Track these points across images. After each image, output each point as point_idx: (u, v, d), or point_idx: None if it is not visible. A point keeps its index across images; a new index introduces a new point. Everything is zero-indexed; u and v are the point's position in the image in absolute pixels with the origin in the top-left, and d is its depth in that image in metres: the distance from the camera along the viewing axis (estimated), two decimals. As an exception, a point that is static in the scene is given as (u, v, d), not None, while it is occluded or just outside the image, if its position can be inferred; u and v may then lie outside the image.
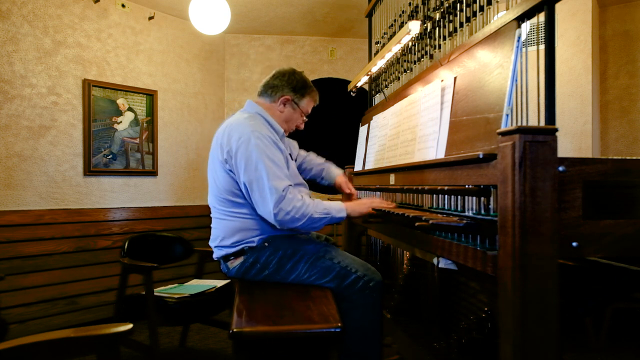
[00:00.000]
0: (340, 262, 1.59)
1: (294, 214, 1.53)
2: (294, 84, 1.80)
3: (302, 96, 1.83)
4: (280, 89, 1.80)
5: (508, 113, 1.16)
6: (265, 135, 1.62)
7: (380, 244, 2.68)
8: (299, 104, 1.83)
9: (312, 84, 1.87)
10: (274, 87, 1.81)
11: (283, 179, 1.56)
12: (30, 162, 2.84)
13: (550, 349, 0.92)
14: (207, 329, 2.98)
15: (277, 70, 1.84)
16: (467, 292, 1.69)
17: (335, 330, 1.25)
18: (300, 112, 1.85)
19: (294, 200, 1.54)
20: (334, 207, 1.61)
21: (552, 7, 1.15)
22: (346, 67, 4.30)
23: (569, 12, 3.24)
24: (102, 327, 1.08)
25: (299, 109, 1.83)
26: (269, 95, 1.81)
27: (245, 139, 1.59)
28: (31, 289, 2.80)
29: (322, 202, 1.61)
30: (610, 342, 2.26)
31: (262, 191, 1.55)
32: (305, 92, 1.83)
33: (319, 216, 1.56)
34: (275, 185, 1.53)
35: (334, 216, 1.59)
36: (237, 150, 1.60)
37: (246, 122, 1.65)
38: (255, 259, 1.65)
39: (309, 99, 1.86)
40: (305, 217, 1.54)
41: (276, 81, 1.81)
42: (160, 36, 3.59)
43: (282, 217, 1.52)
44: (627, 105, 3.44)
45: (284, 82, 1.80)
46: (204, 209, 3.80)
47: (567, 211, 0.97)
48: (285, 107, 1.81)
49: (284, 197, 1.53)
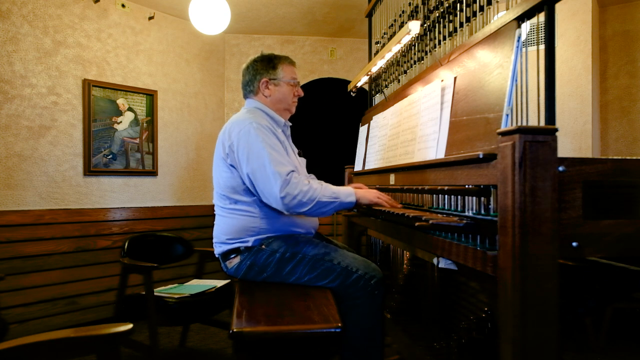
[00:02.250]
0: (340, 263, 1.58)
1: (301, 198, 1.51)
2: (260, 66, 1.80)
3: (274, 69, 1.79)
4: (254, 79, 1.80)
5: (508, 113, 1.16)
6: (264, 125, 1.63)
7: (380, 244, 2.68)
8: (277, 77, 1.80)
9: (277, 54, 1.84)
10: (249, 82, 1.81)
11: (285, 165, 1.56)
12: (30, 162, 2.84)
13: (550, 349, 0.92)
14: (207, 329, 2.98)
15: (242, 69, 1.86)
16: (467, 292, 1.69)
17: (335, 330, 1.25)
18: (286, 83, 1.81)
19: (299, 184, 1.52)
20: (343, 192, 1.59)
21: (552, 7, 1.15)
22: (346, 67, 4.30)
23: (569, 12, 3.24)
24: (102, 327, 1.08)
25: (281, 80, 1.80)
26: (251, 91, 1.82)
27: (245, 130, 1.61)
28: (31, 289, 2.80)
29: (331, 187, 1.60)
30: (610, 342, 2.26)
31: (266, 178, 1.54)
32: (274, 63, 1.80)
33: (327, 200, 1.54)
34: (279, 170, 1.53)
35: (342, 201, 1.57)
36: (238, 143, 1.62)
37: (245, 116, 1.68)
38: (252, 261, 1.65)
39: (282, 66, 1.81)
40: (313, 201, 1.52)
41: (247, 76, 1.82)
42: (160, 36, 3.59)
43: (289, 201, 1.51)
44: (627, 105, 3.44)
45: (252, 71, 1.80)
46: (204, 209, 3.81)
47: (567, 211, 0.97)
48: (269, 88, 1.79)
49: (289, 181, 1.52)
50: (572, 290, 1.56)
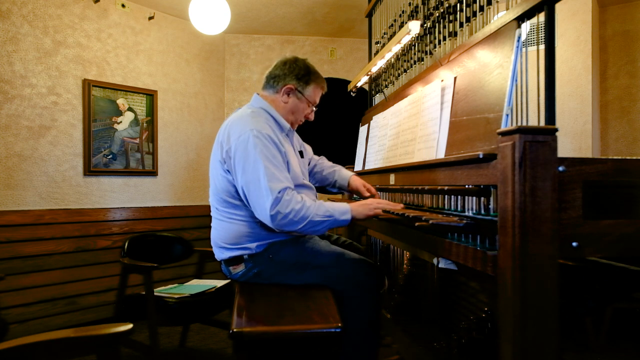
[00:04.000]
0: (348, 270, 1.57)
1: (292, 217, 1.45)
2: (296, 72, 1.70)
3: (307, 84, 1.72)
4: (283, 78, 1.70)
5: (508, 113, 1.16)
6: (265, 134, 1.55)
7: (380, 244, 2.68)
8: (303, 93, 1.72)
9: (317, 71, 1.77)
10: (276, 77, 1.72)
11: (281, 181, 1.49)
12: (30, 162, 2.84)
13: (550, 349, 0.92)
14: (207, 329, 2.98)
15: (279, 59, 1.76)
16: (467, 292, 1.69)
17: (335, 330, 1.25)
18: (307, 102, 1.75)
19: (292, 202, 1.46)
20: (338, 209, 1.51)
21: (552, 7, 1.15)
22: (346, 67, 4.30)
23: (569, 12, 3.24)
24: (102, 327, 1.08)
25: (305, 97, 1.73)
26: (272, 87, 1.73)
27: (244, 138, 1.53)
28: (31, 289, 2.80)
29: (325, 204, 1.53)
30: (610, 342, 2.27)
31: (259, 193, 1.47)
32: (309, 79, 1.72)
33: (320, 219, 1.48)
34: (272, 187, 1.45)
35: (337, 219, 1.50)
36: (235, 150, 1.54)
37: (247, 119, 1.59)
38: (260, 270, 1.62)
39: (314, 86, 1.74)
40: (304, 220, 1.46)
41: (278, 70, 1.72)
42: (160, 36, 3.59)
43: (279, 220, 1.45)
44: (627, 105, 3.44)
45: (286, 70, 1.71)
46: (204, 209, 3.80)
47: (567, 211, 0.97)
48: (290, 97, 1.71)
49: (281, 199, 1.45)
50: (572, 290, 1.55)
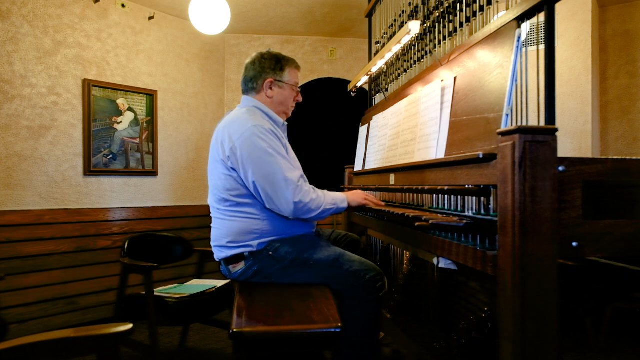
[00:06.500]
0: (348, 269, 1.57)
1: (311, 205, 1.58)
2: (268, 64, 1.76)
3: (282, 70, 1.77)
4: (259, 76, 1.76)
5: (508, 113, 1.16)
6: (267, 129, 1.60)
7: (380, 244, 2.68)
8: (283, 80, 1.77)
9: (285, 55, 1.81)
10: (253, 79, 1.77)
11: (294, 170, 1.60)
12: (30, 162, 2.84)
13: (550, 348, 0.92)
14: (207, 329, 2.98)
15: (246, 63, 1.81)
16: (467, 292, 1.69)
17: (335, 330, 1.25)
18: (290, 87, 1.79)
19: (310, 192, 1.59)
20: (339, 198, 1.69)
21: (552, 7, 1.15)
22: (346, 67, 4.30)
23: (569, 12, 3.24)
24: (102, 327, 1.08)
25: (286, 84, 1.78)
26: (253, 88, 1.78)
27: (248, 135, 1.57)
28: (31, 289, 2.80)
29: (328, 193, 1.68)
30: (610, 342, 2.26)
31: (276, 185, 1.55)
32: (282, 65, 1.77)
33: (329, 207, 1.64)
34: (291, 177, 1.56)
35: (339, 206, 1.67)
36: (240, 147, 1.57)
37: (246, 117, 1.64)
38: (259, 268, 1.63)
39: (289, 69, 1.79)
40: (319, 208, 1.60)
41: (251, 72, 1.77)
42: (160, 36, 3.59)
43: (301, 207, 1.56)
44: (627, 105, 3.44)
45: (258, 67, 1.76)
46: (204, 209, 3.80)
47: (567, 211, 0.97)
48: (273, 89, 1.76)
49: (302, 188, 1.57)
50: (572, 290, 1.55)
